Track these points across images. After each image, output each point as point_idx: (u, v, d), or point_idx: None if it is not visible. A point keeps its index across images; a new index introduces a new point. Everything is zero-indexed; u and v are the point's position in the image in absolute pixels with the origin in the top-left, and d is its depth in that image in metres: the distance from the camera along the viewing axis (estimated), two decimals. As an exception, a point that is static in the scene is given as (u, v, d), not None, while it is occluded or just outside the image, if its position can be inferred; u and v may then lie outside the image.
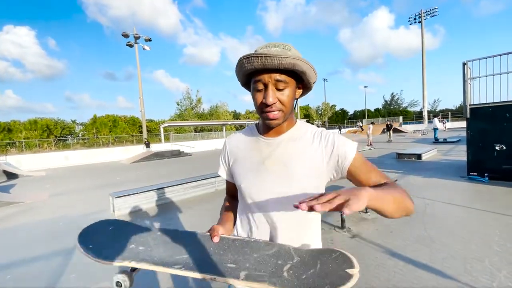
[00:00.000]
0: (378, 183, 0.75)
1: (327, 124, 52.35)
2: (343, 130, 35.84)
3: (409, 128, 30.96)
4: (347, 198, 0.52)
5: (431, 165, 7.68)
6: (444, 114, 37.16)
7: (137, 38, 22.00)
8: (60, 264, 2.96)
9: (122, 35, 21.31)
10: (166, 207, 4.97)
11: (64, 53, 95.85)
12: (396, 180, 4.82)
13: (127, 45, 21.92)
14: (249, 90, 0.83)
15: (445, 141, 14.04)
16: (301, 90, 0.84)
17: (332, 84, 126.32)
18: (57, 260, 3.08)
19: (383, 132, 27.59)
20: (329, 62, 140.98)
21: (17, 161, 14.14)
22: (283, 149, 0.82)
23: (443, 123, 21.70)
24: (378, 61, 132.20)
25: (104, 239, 0.84)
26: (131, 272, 0.78)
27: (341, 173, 0.80)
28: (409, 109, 57.46)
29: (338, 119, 59.28)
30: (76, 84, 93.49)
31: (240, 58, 0.74)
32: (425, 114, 34.61)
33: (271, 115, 0.75)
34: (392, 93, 63.64)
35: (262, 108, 0.76)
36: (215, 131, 35.71)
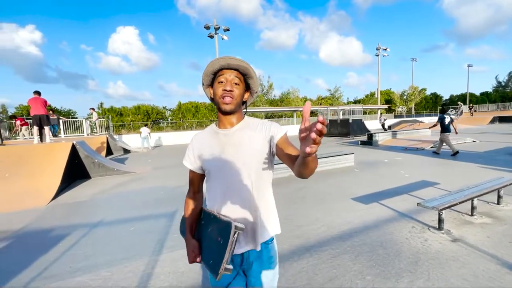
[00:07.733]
0: (297, 154, 0.96)
1: (412, 111, 45.39)
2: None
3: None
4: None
5: None
6: None
7: (217, 29, 23.53)
8: (165, 224, 3.60)
9: (204, 27, 23.15)
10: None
11: (159, 47, 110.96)
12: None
13: (208, 36, 23.76)
14: (210, 93, 1.10)
15: None
16: (247, 95, 1.13)
17: (425, 64, 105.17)
18: (162, 220, 3.75)
19: (491, 122, 22.33)
20: (425, 36, 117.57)
21: (127, 139, 17.59)
22: (236, 137, 1.06)
23: None
24: (498, 29, 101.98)
25: None
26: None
27: (273, 147, 1.04)
28: (535, 93, 44.33)
29: (428, 105, 50.27)
30: (166, 74, 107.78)
31: (212, 60, 1.03)
32: None
33: (227, 99, 1.01)
34: (510, 72, 50.26)
35: (222, 95, 1.01)
36: (284, 117, 35.57)
